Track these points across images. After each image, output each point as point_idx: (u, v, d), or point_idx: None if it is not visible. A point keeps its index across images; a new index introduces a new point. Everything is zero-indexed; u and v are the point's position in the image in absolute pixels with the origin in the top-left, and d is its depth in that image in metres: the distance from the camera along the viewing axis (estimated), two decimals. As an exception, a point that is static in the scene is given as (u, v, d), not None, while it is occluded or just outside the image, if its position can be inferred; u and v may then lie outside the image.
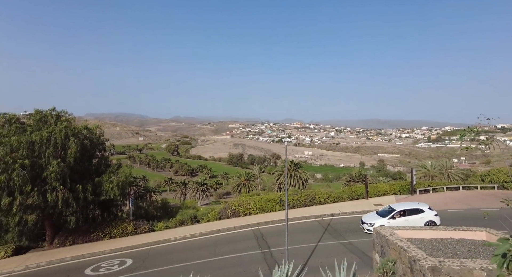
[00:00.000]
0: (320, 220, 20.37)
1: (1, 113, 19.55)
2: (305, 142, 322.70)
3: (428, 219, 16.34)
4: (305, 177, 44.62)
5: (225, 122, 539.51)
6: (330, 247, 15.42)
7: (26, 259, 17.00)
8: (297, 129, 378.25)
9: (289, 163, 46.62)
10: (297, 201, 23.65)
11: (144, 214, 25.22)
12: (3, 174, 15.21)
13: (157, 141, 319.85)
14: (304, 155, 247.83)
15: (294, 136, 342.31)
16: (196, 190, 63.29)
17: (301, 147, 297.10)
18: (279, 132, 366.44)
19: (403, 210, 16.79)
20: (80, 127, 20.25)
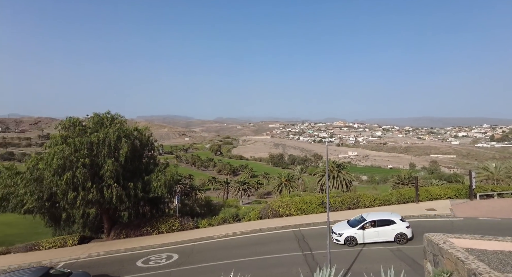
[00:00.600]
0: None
1: (68, 117, 21.92)
2: (349, 141, 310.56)
3: (399, 230, 15.58)
4: (348, 178, 42.90)
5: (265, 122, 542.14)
6: (376, 252, 14.61)
7: (89, 248, 18.84)
8: (340, 129, 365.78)
9: (331, 163, 45.20)
10: (340, 203, 22.82)
11: (189, 211, 26.38)
12: (68, 171, 17.03)
13: (202, 141, 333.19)
14: (348, 155, 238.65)
15: (336, 136, 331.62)
16: (238, 189, 64.59)
17: (345, 147, 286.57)
18: (321, 132, 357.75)
19: (374, 221, 16.07)
20: (131, 129, 21.88)
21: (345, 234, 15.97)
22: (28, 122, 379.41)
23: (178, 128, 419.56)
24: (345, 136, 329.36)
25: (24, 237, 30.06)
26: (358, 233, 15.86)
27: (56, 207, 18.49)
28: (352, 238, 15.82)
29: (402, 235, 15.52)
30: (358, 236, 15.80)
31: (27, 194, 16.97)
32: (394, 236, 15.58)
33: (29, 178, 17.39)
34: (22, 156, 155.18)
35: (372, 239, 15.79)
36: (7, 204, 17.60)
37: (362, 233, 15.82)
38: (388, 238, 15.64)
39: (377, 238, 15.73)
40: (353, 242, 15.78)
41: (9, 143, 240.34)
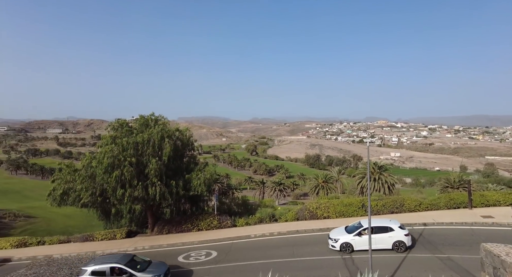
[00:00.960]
0: (409, 229, 18.18)
1: (116, 119, 23.64)
2: (391, 142, 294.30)
3: (397, 238, 15.04)
4: (391, 181, 40.64)
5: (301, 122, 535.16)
6: (422, 261, 13.67)
7: (135, 242, 20.15)
8: (381, 129, 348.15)
9: (372, 165, 43.21)
10: (381, 207, 21.71)
11: (227, 210, 26.93)
12: (117, 169, 18.37)
13: (238, 141, 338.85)
14: (391, 156, 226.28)
15: (377, 136, 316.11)
16: (273, 190, 64.49)
17: (387, 147, 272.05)
18: (360, 132, 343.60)
19: (372, 227, 15.18)
20: (173, 130, 22.94)
21: (341, 240, 15.65)
22: (83, 124, 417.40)
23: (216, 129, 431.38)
24: (387, 136, 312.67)
25: (81, 228, 33.12)
26: (354, 239, 15.46)
27: (107, 202, 20.02)
28: (348, 244, 15.48)
29: (400, 243, 14.99)
30: (354, 243, 15.45)
31: (83, 190, 18.60)
32: (392, 244, 15.11)
33: (84, 175, 19.06)
34: (78, 155, 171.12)
35: (368, 246, 15.30)
36: (68, 198, 19.44)
37: (359, 240, 15.40)
38: (386, 246, 15.19)
39: (374, 245, 15.01)
40: (349, 249, 15.43)
41: (68, 142, 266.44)
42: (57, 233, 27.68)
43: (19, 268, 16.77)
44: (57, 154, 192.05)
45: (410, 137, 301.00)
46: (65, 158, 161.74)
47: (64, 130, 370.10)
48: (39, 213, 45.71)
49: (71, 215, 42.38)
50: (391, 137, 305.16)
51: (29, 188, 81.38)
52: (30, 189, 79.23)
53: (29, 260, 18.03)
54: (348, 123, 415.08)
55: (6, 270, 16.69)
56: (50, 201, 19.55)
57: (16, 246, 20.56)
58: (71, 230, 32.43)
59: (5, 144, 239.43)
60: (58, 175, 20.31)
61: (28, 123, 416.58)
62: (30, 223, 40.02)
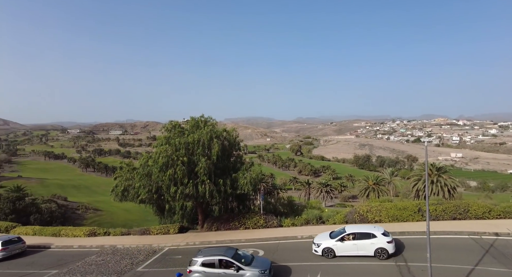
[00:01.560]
0: (477, 238, 16.33)
1: (169, 121, 25.23)
2: (452, 141, 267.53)
3: (379, 245, 14.74)
4: (451, 183, 36.89)
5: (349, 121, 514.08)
6: (495, 275, 12.14)
7: (186, 237, 21.30)
8: (439, 127, 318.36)
9: (429, 166, 39.72)
10: (441, 212, 19.80)
11: (272, 210, 27.00)
12: (170, 168, 19.59)
13: (282, 141, 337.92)
14: (451, 157, 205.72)
15: (435, 135, 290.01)
16: (320, 191, 63.02)
17: (446, 147, 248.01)
18: (415, 130, 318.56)
19: (354, 233, 15.52)
20: (220, 130, 23.74)
21: (323, 245, 15.69)
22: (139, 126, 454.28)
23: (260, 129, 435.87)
24: (446, 135, 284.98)
25: (138, 222, 36.17)
26: (336, 245, 15.46)
27: (161, 199, 21.44)
28: (330, 249, 15.50)
29: (382, 250, 14.73)
30: (336, 248, 15.45)
31: (141, 187, 20.18)
32: (374, 251, 14.87)
33: (141, 173, 20.68)
34: (136, 154, 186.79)
35: (350, 252, 15.31)
36: (128, 194, 21.28)
37: (341, 245, 15.38)
38: (368, 253, 15.02)
39: (356, 251, 15.21)
40: (331, 254, 15.47)
41: (127, 143, 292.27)
42: (118, 226, 30.67)
43: (91, 254, 18.93)
44: (118, 153, 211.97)
45: (474, 136, 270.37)
46: (124, 157, 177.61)
47: (124, 132, 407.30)
48: (104, 206, 51.04)
49: (130, 210, 46.49)
50: (451, 136, 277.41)
51: (96, 184, 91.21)
52: (97, 185, 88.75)
53: (98, 248, 20.21)
54: (402, 122, 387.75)
55: (81, 255, 18.91)
56: (113, 197, 21.58)
57: (88, 235, 23.20)
58: (130, 223, 35.60)
59: (78, 145, 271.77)
60: (119, 173, 22.36)
61: (95, 126, 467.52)
62: (97, 215, 44.94)
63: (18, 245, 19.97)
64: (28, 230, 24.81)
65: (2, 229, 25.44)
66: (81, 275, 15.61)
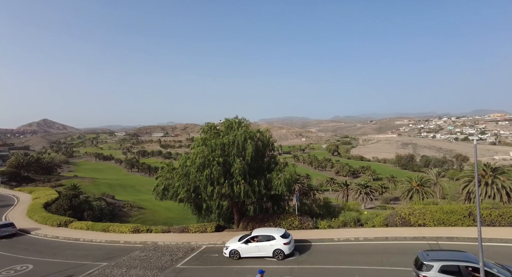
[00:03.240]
0: (540, 247, 14.59)
1: (206, 122, 26.06)
2: (510, 139, 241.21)
3: (277, 247, 16.09)
4: (510, 186, 33.35)
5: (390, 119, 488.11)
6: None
7: (223, 236, 21.78)
8: (495, 123, 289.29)
9: (482, 166, 36.30)
10: (498, 216, 17.98)
11: (308, 211, 26.58)
12: (207, 168, 20.24)
13: (318, 141, 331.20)
14: (510, 156, 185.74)
15: (490, 132, 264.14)
16: (359, 192, 60.67)
17: (504, 145, 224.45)
18: (466, 127, 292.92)
19: (257, 236, 16.84)
20: (254, 131, 23.95)
21: (230, 247, 16.82)
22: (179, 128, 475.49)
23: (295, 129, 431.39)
24: (503, 132, 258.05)
25: (178, 220, 37.77)
26: (241, 247, 16.60)
27: (199, 198, 22.21)
28: (236, 251, 16.64)
29: (279, 251, 16.00)
30: (241, 250, 16.58)
31: (180, 186, 21.10)
32: (272, 252, 16.10)
33: (180, 173, 21.62)
34: (176, 155, 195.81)
35: (253, 253, 16.50)
36: (168, 193, 22.38)
37: (245, 247, 16.50)
38: (267, 253, 16.23)
39: (258, 252, 16.40)
40: (236, 256, 16.59)
41: (168, 144, 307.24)
42: (160, 223, 32.33)
43: (135, 249, 20.24)
44: (159, 154, 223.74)
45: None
46: (166, 158, 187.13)
47: (165, 134, 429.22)
48: (147, 205, 54.18)
49: (171, 208, 48.78)
50: (510, 133, 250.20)
51: (140, 184, 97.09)
52: (141, 184, 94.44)
53: (141, 244, 21.53)
54: (449, 119, 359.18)
55: (126, 250, 20.30)
56: (155, 195, 22.81)
57: (132, 231, 24.82)
58: (171, 221, 37.29)
59: (123, 147, 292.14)
60: (160, 173, 23.57)
61: (139, 129, 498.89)
62: (141, 213, 47.81)
63: (8, 228, 26.09)
64: (82, 225, 27.33)
65: (62, 223, 28.37)
66: (126, 268, 16.75)
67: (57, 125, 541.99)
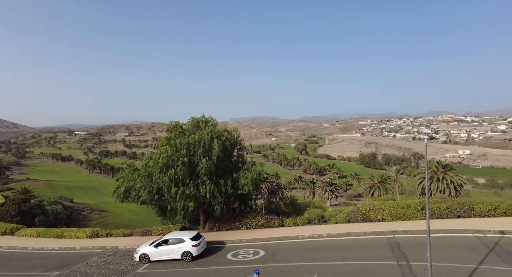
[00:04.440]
0: (481, 236, 16.00)
1: (170, 121, 25.26)
2: (459, 138, 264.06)
3: (186, 249, 16.57)
4: (458, 181, 36.39)
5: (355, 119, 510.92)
6: (499, 274, 11.86)
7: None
8: (447, 124, 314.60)
9: (435, 163, 39.24)
10: (445, 210, 19.44)
11: (275, 209, 26.86)
12: (171, 169, 19.59)
13: (287, 141, 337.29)
14: (458, 154, 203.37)
15: (442, 132, 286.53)
16: (324, 190, 62.73)
17: (454, 144, 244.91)
18: (422, 127, 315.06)
19: (167, 239, 17.19)
20: (221, 131, 23.67)
21: (140, 251, 17.00)
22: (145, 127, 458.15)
23: (265, 129, 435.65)
24: (453, 132, 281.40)
25: (143, 223, 36.40)
26: (151, 250, 16.87)
27: (163, 199, 21.42)
28: (145, 255, 16.88)
29: (187, 253, 16.52)
30: (151, 254, 16.86)
31: (142, 188, 20.21)
32: (181, 254, 16.56)
33: (143, 174, 20.72)
34: (141, 155, 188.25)
35: (163, 256, 16.86)
36: (129, 195, 21.35)
37: (155, 251, 16.83)
38: (176, 256, 16.70)
39: (167, 255, 16.79)
40: (146, 259, 16.85)
41: (133, 144, 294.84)
42: (123, 226, 30.87)
43: (93, 255, 19.05)
44: (124, 154, 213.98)
45: (483, 132, 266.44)
46: (130, 158, 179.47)
47: (130, 133, 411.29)
48: (109, 207, 51.50)
49: (136, 211, 46.84)
50: (458, 133, 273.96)
51: (102, 185, 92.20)
52: (103, 186, 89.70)
53: (100, 249, 20.32)
54: (408, 119, 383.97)
55: (83, 256, 19.05)
56: (115, 198, 21.68)
57: (90, 236, 23.35)
58: (135, 224, 35.84)
59: (84, 146, 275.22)
60: (121, 174, 22.45)
61: (102, 128, 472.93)
62: (102, 217, 45.34)
63: None
64: (32, 232, 25.10)
65: (7, 231, 25.80)
66: (81, 276, 15.70)
67: (6, 124, 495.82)
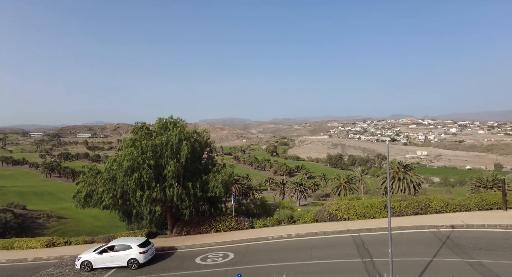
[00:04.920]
0: (435, 231, 17.24)
1: (136, 122, 24.22)
2: (418, 140, 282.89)
3: (132, 256, 16.14)
4: (417, 180, 38.91)
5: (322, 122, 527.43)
6: (449, 265, 12.82)
7: (155, 243, 20.43)
8: (407, 126, 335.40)
9: (396, 164, 41.64)
10: (405, 207, 20.71)
11: (245, 211, 26.83)
12: (136, 172, 18.78)
13: (258, 142, 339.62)
14: (417, 155, 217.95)
15: (403, 134, 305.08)
16: (294, 190, 63.92)
17: (413, 146, 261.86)
18: (385, 130, 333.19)
19: (114, 245, 16.71)
20: (191, 132, 23.16)
21: (82, 258, 16.42)
22: (110, 128, 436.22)
23: (237, 130, 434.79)
24: (413, 134, 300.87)
25: (107, 229, 34.49)
26: (94, 257, 16.33)
27: (127, 204, 20.49)
28: (88, 262, 16.30)
29: (134, 260, 16.07)
30: (94, 261, 16.31)
31: (104, 192, 19.17)
32: (127, 261, 16.09)
33: (106, 178, 19.65)
34: (105, 158, 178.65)
35: (107, 263, 16.35)
36: (90, 200, 20.14)
37: (98, 258, 16.30)
38: (122, 263, 16.25)
39: (112, 263, 16.32)
40: (88, 267, 16.26)
41: (96, 146, 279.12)
42: (84, 233, 28.96)
43: (48, 266, 17.62)
44: (86, 157, 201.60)
45: (438, 134, 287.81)
46: (93, 161, 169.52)
47: (93, 134, 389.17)
48: (69, 214, 48.18)
49: (98, 216, 44.28)
50: (417, 135, 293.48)
51: (62, 190, 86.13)
52: (62, 191, 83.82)
53: (56, 259, 18.88)
54: (372, 122, 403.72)
55: (36, 268, 17.56)
56: (75, 203, 20.35)
57: (46, 245, 21.62)
58: (98, 230, 33.86)
59: (41, 149, 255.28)
60: (82, 177, 21.14)
61: (61, 129, 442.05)
62: (61, 224, 42.29)
63: None
64: (-25, 244, 22.65)
65: None
66: (35, 289, 14.48)
67: None
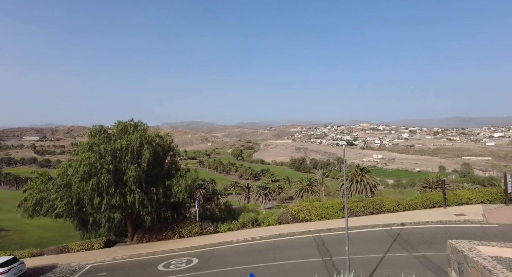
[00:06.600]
0: (388, 229, 18.67)
1: (93, 125, 23.01)
2: (374, 144, 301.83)
3: None
4: (373, 182, 41.54)
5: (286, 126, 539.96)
6: (399, 259, 13.99)
7: (114, 252, 19.53)
8: (364, 131, 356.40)
9: (354, 167, 44.02)
10: (362, 208, 22.14)
11: (210, 216, 26.67)
12: (94, 177, 17.84)
13: (223, 146, 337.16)
14: (373, 158, 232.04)
15: (361, 138, 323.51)
16: (259, 194, 64.59)
17: (370, 150, 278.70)
18: (344, 135, 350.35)
19: None
20: (153, 136, 22.57)
21: None
22: (62, 131, 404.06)
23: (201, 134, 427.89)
24: (369, 139, 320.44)
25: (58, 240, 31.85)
26: None
27: (84, 211, 19.35)
28: None
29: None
30: None
31: (57, 199, 17.90)
32: None
33: (59, 184, 18.39)
34: (57, 163, 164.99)
35: None
36: (40, 208, 18.65)
37: None
38: None
39: None
40: None
41: (46, 150, 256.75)
42: (31, 246, 26.49)
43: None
44: (34, 162, 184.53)
45: (392, 139, 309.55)
46: (42, 166, 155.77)
47: (42, 138, 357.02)
48: (11, 225, 43.70)
49: (47, 226, 40.77)
50: (373, 140, 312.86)
51: (2, 199, 77.82)
52: (3, 200, 75.84)
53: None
54: (332, 127, 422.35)
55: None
56: (21, 212, 18.72)
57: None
58: (47, 242, 31.15)
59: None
60: (31, 184, 19.56)
61: (2, 131, 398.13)
62: (1, 237, 38.12)
63: None
64: None
65: None
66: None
67: None
